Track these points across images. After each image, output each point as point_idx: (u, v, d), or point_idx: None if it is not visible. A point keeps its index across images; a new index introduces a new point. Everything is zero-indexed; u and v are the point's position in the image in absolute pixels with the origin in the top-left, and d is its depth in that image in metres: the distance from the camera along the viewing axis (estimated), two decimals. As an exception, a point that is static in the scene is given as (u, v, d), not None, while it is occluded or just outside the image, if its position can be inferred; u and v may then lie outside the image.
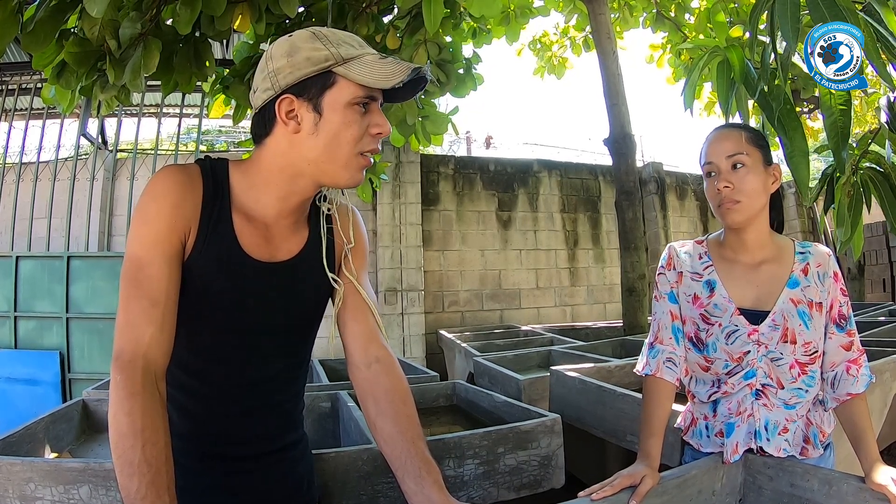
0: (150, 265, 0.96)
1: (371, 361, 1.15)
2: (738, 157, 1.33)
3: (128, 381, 0.89)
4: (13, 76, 6.00)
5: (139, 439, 0.85)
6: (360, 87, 1.00)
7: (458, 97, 3.25)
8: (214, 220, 1.04)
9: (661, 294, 1.45)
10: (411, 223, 6.71)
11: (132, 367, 0.91)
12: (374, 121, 1.04)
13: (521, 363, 3.62)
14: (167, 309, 0.96)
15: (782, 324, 1.31)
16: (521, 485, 1.70)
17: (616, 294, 7.42)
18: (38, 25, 1.93)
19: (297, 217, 1.13)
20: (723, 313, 1.35)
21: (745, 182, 1.32)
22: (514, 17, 5.07)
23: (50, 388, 5.20)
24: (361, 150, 1.03)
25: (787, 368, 1.30)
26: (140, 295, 0.95)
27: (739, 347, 1.33)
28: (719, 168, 1.34)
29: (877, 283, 8.79)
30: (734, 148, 1.35)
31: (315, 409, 2.33)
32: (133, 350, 0.92)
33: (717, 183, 1.33)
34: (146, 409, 0.88)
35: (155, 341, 0.93)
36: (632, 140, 4.54)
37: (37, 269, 5.42)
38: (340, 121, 1.01)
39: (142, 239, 0.98)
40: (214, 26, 2.40)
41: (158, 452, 0.86)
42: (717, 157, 1.35)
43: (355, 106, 1.01)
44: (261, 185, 1.07)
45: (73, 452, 1.96)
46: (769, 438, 1.29)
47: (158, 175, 1.02)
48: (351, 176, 1.05)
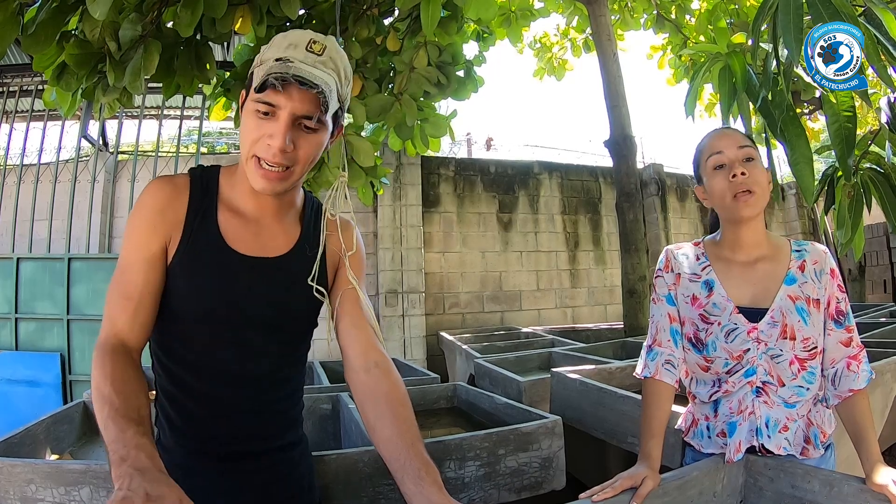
0: (129, 269, 1.06)
1: (370, 366, 1.15)
2: (748, 150, 1.34)
3: (101, 353, 0.98)
4: (14, 78, 6.01)
5: (109, 381, 0.93)
6: (254, 90, 1.02)
7: (459, 100, 3.25)
8: (200, 217, 1.10)
9: (658, 296, 1.45)
10: (412, 225, 6.71)
11: (107, 345, 1.00)
12: (269, 130, 1.02)
13: (522, 365, 3.62)
14: (140, 304, 1.04)
15: (781, 320, 1.31)
16: (522, 486, 1.69)
17: (617, 296, 7.41)
18: (40, 27, 1.93)
19: (284, 214, 1.17)
20: (721, 312, 1.35)
21: (756, 174, 1.31)
22: (514, 19, 5.08)
23: (51, 390, 5.20)
24: (255, 153, 1.03)
25: (787, 365, 1.30)
26: (118, 293, 1.04)
27: (739, 345, 1.33)
28: (731, 158, 1.33)
29: (878, 284, 8.78)
30: (745, 140, 1.36)
31: (316, 410, 2.33)
32: (108, 333, 1.02)
33: (732, 170, 1.32)
34: (116, 364, 0.96)
35: (126, 326, 1.02)
36: (632, 142, 4.54)
37: (38, 271, 5.42)
38: (245, 120, 1.06)
39: (127, 247, 1.08)
40: (216, 29, 2.40)
41: (128, 391, 0.92)
42: (729, 147, 1.35)
43: (255, 109, 1.02)
44: (239, 181, 1.13)
45: (73, 454, 1.96)
46: (770, 436, 1.29)
47: (146, 187, 1.11)
48: (252, 177, 1.05)
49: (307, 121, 1.03)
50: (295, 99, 1.01)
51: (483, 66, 3.54)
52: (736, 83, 1.81)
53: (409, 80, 2.90)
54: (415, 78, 2.90)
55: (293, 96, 1.00)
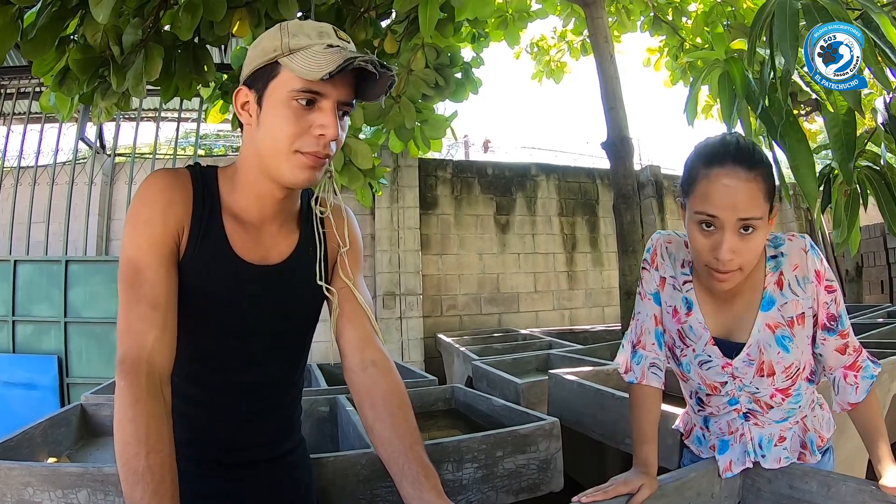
0: (147, 268, 0.95)
1: (367, 365, 1.13)
2: (752, 222, 1.07)
3: (132, 387, 0.88)
4: (11, 80, 6.00)
5: (143, 447, 0.84)
6: (299, 80, 0.96)
7: (457, 102, 3.25)
8: (205, 222, 1.03)
9: (646, 293, 1.36)
10: (409, 227, 6.70)
11: (136, 372, 0.89)
12: (319, 120, 0.97)
13: (520, 367, 3.62)
14: (168, 311, 0.95)
15: (758, 358, 1.21)
16: (520, 488, 1.70)
17: (614, 297, 7.40)
18: (39, 32, 1.92)
19: (283, 218, 1.12)
20: (697, 339, 1.27)
21: (752, 247, 1.10)
22: (512, 21, 5.08)
23: (48, 393, 5.19)
24: (299, 148, 0.97)
25: (769, 397, 1.24)
26: (139, 299, 0.94)
27: (714, 377, 1.27)
28: (724, 227, 1.08)
29: (875, 284, 8.78)
30: (751, 209, 1.07)
31: (313, 413, 2.33)
32: (136, 355, 0.90)
33: (720, 248, 1.08)
34: (150, 415, 0.87)
35: (158, 344, 0.92)
36: (629, 143, 4.54)
37: (35, 273, 5.42)
38: (277, 114, 0.98)
39: (137, 242, 0.97)
40: (214, 32, 2.40)
41: (163, 460, 0.85)
42: (726, 213, 1.07)
43: (294, 100, 0.97)
44: (240, 185, 1.07)
45: (71, 457, 1.95)
46: (765, 455, 1.27)
47: (148, 179, 1.02)
48: (291, 174, 0.99)
49: (345, 106, 1.01)
50: (338, 85, 0.98)
51: (481, 67, 3.54)
52: (736, 90, 1.81)
53: (408, 83, 2.91)
54: (413, 80, 2.90)
55: (336, 82, 0.97)
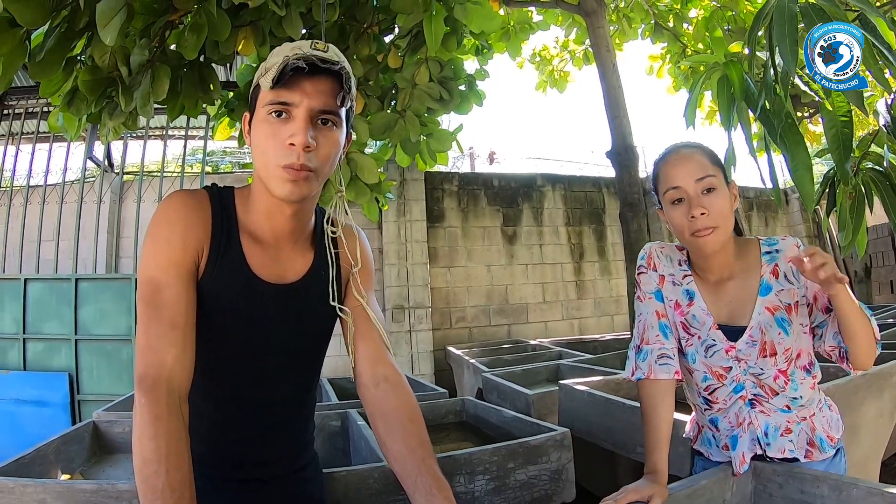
0: (167, 287, 0.97)
1: (379, 381, 1.15)
2: (709, 181, 1.25)
3: (152, 405, 0.89)
4: (19, 100, 6.07)
5: (163, 465, 0.85)
6: (268, 93, 0.98)
7: (461, 114, 3.27)
8: (224, 242, 1.05)
9: (645, 293, 1.39)
10: (417, 240, 6.72)
11: (156, 390, 0.91)
12: (289, 130, 0.97)
13: (530, 378, 3.61)
14: (187, 331, 0.97)
15: (760, 338, 1.27)
16: (533, 499, 1.69)
17: (623, 306, 7.39)
18: (48, 54, 1.95)
19: (298, 237, 1.13)
20: (701, 326, 1.32)
21: (718, 205, 1.24)
22: (514, 33, 5.12)
23: (59, 410, 5.20)
24: (279, 162, 0.98)
25: (773, 379, 1.27)
26: (159, 317, 0.95)
27: (718, 362, 1.30)
28: (688, 193, 1.25)
29: (884, 284, 8.71)
30: (702, 170, 1.26)
31: (325, 427, 2.33)
32: (156, 374, 0.92)
33: (691, 210, 1.24)
34: (170, 433, 0.88)
35: (178, 364, 0.94)
36: (634, 151, 4.55)
37: (45, 292, 5.44)
38: (259, 131, 1.01)
39: (157, 261, 0.98)
40: (219, 51, 2.43)
41: (182, 478, 0.86)
42: (685, 180, 1.25)
43: (269, 115, 0.98)
44: (254, 205, 1.09)
45: (84, 474, 1.96)
46: (770, 443, 1.28)
47: (168, 199, 1.04)
48: (278, 188, 1.00)
49: (324, 114, 1.00)
50: (309, 93, 0.97)
51: (486, 80, 3.56)
52: (734, 92, 1.82)
53: (412, 97, 2.93)
54: (417, 94, 2.92)
55: (307, 90, 0.97)
